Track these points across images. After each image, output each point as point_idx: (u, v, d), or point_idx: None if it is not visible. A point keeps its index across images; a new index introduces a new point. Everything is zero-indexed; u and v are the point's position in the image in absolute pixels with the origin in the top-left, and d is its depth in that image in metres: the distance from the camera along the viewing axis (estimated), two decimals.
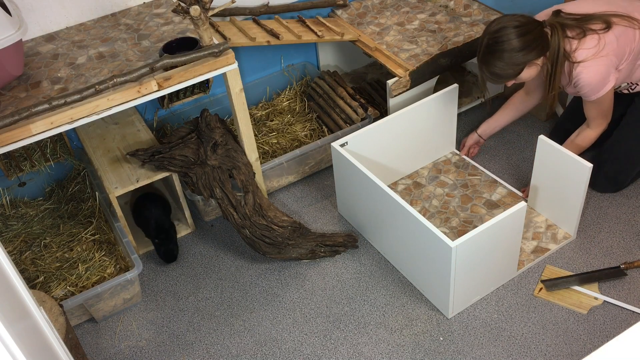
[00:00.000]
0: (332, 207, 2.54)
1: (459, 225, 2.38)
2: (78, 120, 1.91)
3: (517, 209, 1.94)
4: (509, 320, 2.07)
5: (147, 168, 2.29)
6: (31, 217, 2.48)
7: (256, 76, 2.94)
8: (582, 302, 2.08)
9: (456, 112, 2.55)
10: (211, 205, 2.48)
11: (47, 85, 2.03)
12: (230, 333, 2.13)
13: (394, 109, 2.54)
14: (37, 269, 2.26)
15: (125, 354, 2.10)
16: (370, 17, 2.84)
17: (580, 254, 2.24)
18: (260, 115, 2.86)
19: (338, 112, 2.69)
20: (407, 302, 2.16)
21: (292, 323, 2.14)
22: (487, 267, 2.05)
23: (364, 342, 2.06)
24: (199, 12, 1.93)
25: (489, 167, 2.61)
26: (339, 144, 2.28)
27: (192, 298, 2.25)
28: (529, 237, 2.31)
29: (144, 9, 2.42)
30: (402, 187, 2.56)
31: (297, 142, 2.71)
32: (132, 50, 2.18)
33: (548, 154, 2.18)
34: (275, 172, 2.54)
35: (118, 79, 1.89)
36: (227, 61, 2.06)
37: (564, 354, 1.96)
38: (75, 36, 2.29)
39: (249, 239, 2.24)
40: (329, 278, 2.27)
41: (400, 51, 2.61)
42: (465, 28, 2.69)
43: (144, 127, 2.48)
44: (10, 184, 2.52)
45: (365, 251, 2.34)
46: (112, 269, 2.24)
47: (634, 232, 2.30)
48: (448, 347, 2.01)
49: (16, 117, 1.79)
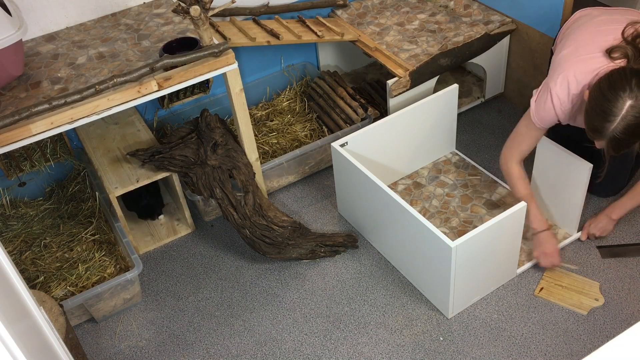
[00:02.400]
0: (332, 207, 2.54)
1: (459, 225, 2.38)
2: (78, 120, 1.91)
3: (517, 209, 1.94)
4: (509, 320, 2.07)
5: (147, 168, 2.29)
6: (31, 217, 2.48)
7: (256, 76, 2.94)
8: (583, 303, 2.08)
9: (456, 112, 2.55)
10: (211, 205, 2.48)
11: (47, 85, 2.03)
12: (230, 333, 2.13)
13: (394, 109, 2.54)
14: (37, 269, 2.26)
15: (125, 354, 2.10)
16: (370, 17, 2.84)
17: (580, 254, 2.24)
18: (260, 115, 2.86)
19: (338, 112, 2.70)
20: (407, 302, 2.16)
21: (292, 323, 2.14)
22: (487, 267, 2.05)
23: (364, 342, 2.06)
24: (199, 12, 1.93)
25: (489, 167, 2.61)
26: (339, 144, 2.28)
27: (192, 298, 2.25)
28: (529, 237, 2.31)
29: (144, 9, 2.42)
30: (402, 187, 2.56)
31: (297, 142, 2.71)
32: (132, 50, 2.18)
33: (548, 154, 2.18)
34: (275, 172, 2.54)
35: (118, 79, 1.89)
36: (227, 61, 2.06)
37: (564, 354, 1.96)
38: (75, 36, 2.29)
39: (249, 239, 2.24)
40: (329, 278, 2.27)
41: (400, 51, 2.61)
42: (465, 28, 2.69)
43: (144, 127, 2.48)
44: (10, 184, 2.52)
45: (365, 251, 2.35)
46: (112, 269, 2.24)
47: (634, 232, 2.30)
48: (448, 347, 2.01)
49: (16, 117, 1.79)
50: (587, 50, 1.86)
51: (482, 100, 2.92)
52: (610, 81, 1.71)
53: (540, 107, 1.95)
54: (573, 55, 1.88)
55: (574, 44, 1.91)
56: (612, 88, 1.68)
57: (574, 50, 1.89)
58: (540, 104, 1.95)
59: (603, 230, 2.22)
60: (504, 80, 2.90)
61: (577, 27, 2.01)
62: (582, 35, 1.93)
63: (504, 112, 2.89)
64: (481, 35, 2.63)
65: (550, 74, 1.93)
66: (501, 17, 2.71)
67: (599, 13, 2.03)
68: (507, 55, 2.81)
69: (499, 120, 2.85)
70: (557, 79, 1.88)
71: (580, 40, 1.91)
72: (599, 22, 1.96)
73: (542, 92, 1.95)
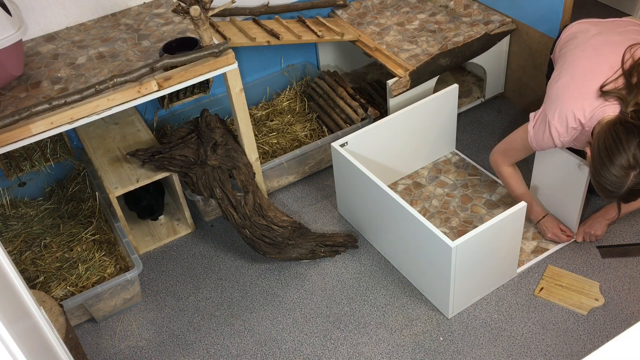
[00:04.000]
0: (332, 207, 2.54)
1: (459, 225, 2.38)
2: (78, 120, 1.91)
3: (517, 209, 1.94)
4: (509, 320, 2.07)
5: (147, 168, 2.29)
6: (31, 217, 2.48)
7: (256, 76, 2.94)
8: (583, 303, 2.08)
9: (456, 112, 2.55)
10: (211, 205, 2.48)
11: (47, 85, 2.03)
12: (230, 333, 2.13)
13: (394, 109, 2.54)
14: (37, 269, 2.26)
15: (125, 354, 2.10)
16: (370, 17, 2.84)
17: (580, 254, 2.24)
18: (260, 115, 2.86)
19: (338, 112, 2.69)
20: (407, 302, 2.16)
21: (292, 323, 2.14)
22: (487, 267, 2.05)
23: (364, 342, 2.06)
24: (199, 12, 1.93)
25: (489, 167, 2.61)
26: (339, 144, 2.28)
27: (192, 298, 2.25)
28: (529, 237, 2.31)
29: (144, 9, 2.42)
30: (402, 187, 2.56)
31: (297, 142, 2.71)
32: (132, 50, 2.18)
33: (548, 154, 2.18)
34: (275, 172, 2.54)
35: (118, 79, 1.89)
36: (227, 61, 2.06)
37: (564, 354, 1.96)
38: (75, 36, 2.29)
39: (249, 239, 2.24)
40: (329, 278, 2.27)
41: (400, 51, 2.61)
42: (465, 28, 2.69)
43: (144, 127, 2.48)
44: (10, 184, 2.52)
45: (365, 251, 2.34)
46: (112, 269, 2.24)
47: (633, 232, 2.30)
48: (448, 347, 2.01)
49: (16, 117, 1.79)
50: (583, 82, 1.89)
51: (482, 100, 2.92)
52: (609, 151, 1.74)
53: (539, 137, 2.01)
54: (569, 87, 1.92)
55: (570, 72, 1.95)
56: (613, 160, 1.73)
57: (570, 81, 1.93)
58: (539, 134, 2.00)
59: (598, 231, 2.24)
60: (504, 80, 2.90)
61: (574, 47, 2.03)
62: (577, 62, 1.96)
63: (504, 112, 2.89)
64: (481, 35, 2.63)
65: (549, 104, 1.97)
66: (501, 17, 2.71)
67: (596, 30, 2.03)
68: (507, 55, 2.81)
69: (499, 120, 2.85)
70: (555, 113, 1.92)
71: (576, 68, 1.95)
72: (595, 44, 1.98)
73: (541, 122, 1.99)
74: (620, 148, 1.72)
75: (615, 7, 3.32)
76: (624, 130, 1.74)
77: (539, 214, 2.27)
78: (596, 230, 2.23)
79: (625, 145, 1.72)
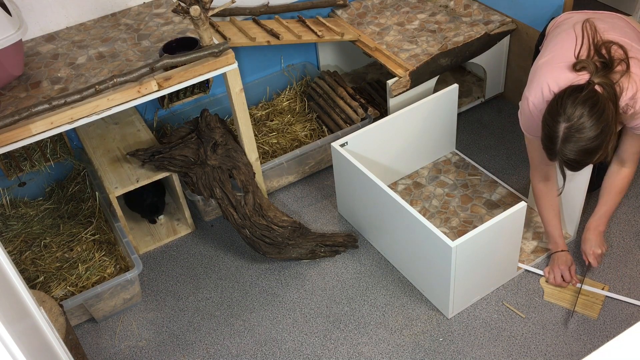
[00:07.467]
0: (332, 207, 2.54)
1: (459, 225, 2.38)
2: (78, 120, 1.91)
3: (517, 209, 1.94)
4: (509, 320, 2.07)
5: (147, 168, 2.29)
6: (31, 217, 2.48)
7: (256, 76, 2.94)
8: (587, 305, 2.08)
9: (456, 112, 2.55)
10: (211, 205, 2.48)
11: (47, 85, 2.03)
12: (230, 333, 2.13)
13: (394, 109, 2.54)
14: (37, 269, 2.26)
15: (125, 354, 2.10)
16: (370, 17, 2.84)
17: (580, 254, 2.24)
18: (260, 115, 2.86)
19: (338, 112, 2.70)
20: (407, 302, 2.16)
21: (292, 323, 2.14)
22: (487, 267, 2.05)
23: (364, 342, 2.06)
24: (199, 12, 1.93)
25: (489, 167, 2.61)
26: (339, 144, 2.28)
27: (192, 298, 2.25)
28: (529, 237, 2.31)
29: (144, 9, 2.42)
30: (402, 187, 2.56)
31: (297, 142, 2.71)
32: (132, 50, 2.18)
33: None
34: (275, 172, 2.54)
35: (118, 79, 1.89)
36: (227, 61, 2.06)
37: (564, 354, 1.96)
38: (75, 36, 2.29)
39: (249, 239, 2.24)
40: (329, 278, 2.27)
41: (400, 51, 2.61)
42: (465, 28, 2.69)
43: (144, 127, 2.48)
44: (10, 184, 2.52)
45: (365, 251, 2.35)
46: (112, 269, 2.24)
47: (633, 232, 2.30)
48: (448, 347, 2.01)
49: (16, 117, 1.79)
50: (560, 58, 1.91)
51: (482, 100, 2.92)
52: (549, 107, 1.81)
53: (522, 116, 2.02)
54: (546, 64, 1.94)
55: (551, 54, 1.96)
56: (550, 113, 1.80)
57: (550, 60, 1.95)
58: (521, 114, 2.02)
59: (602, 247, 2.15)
60: (504, 80, 2.90)
61: (557, 33, 2.04)
62: (558, 44, 1.98)
63: (504, 112, 2.89)
64: (481, 35, 2.63)
65: (528, 84, 1.99)
66: (501, 17, 2.71)
67: (580, 17, 2.04)
68: (507, 55, 2.81)
69: (499, 120, 2.85)
70: (532, 87, 1.95)
71: (556, 50, 1.96)
72: (576, 26, 1.98)
73: (521, 101, 2.01)
74: (559, 101, 1.77)
75: (615, 7, 3.31)
76: (570, 90, 1.78)
77: (556, 246, 2.16)
78: (600, 246, 2.15)
79: (563, 100, 1.76)
